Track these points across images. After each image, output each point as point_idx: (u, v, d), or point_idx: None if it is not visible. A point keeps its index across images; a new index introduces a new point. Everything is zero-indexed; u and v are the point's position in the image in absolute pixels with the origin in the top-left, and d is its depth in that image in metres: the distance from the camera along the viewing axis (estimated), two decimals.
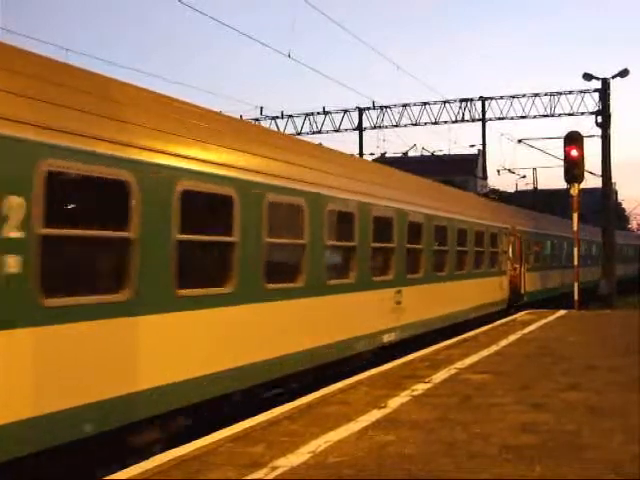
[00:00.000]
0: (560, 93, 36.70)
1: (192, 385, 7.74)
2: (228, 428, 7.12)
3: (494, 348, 13.16)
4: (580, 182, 23.16)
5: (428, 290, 15.50)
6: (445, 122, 39.38)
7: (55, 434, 6.10)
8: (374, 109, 40.38)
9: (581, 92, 35.55)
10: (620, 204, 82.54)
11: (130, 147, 7.09)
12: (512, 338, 14.76)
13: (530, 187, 60.81)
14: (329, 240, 11.08)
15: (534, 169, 59.08)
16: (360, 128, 41.37)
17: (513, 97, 37.85)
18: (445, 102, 39.10)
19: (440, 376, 10.12)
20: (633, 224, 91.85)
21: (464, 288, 17.96)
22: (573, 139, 23.16)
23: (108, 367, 6.68)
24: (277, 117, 40.84)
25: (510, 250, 22.85)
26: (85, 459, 6.74)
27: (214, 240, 8.49)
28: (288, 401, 8.57)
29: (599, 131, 30.17)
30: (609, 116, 30.18)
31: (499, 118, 38.63)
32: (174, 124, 8.00)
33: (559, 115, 36.98)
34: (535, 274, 25.56)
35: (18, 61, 6.42)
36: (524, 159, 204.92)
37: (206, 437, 6.77)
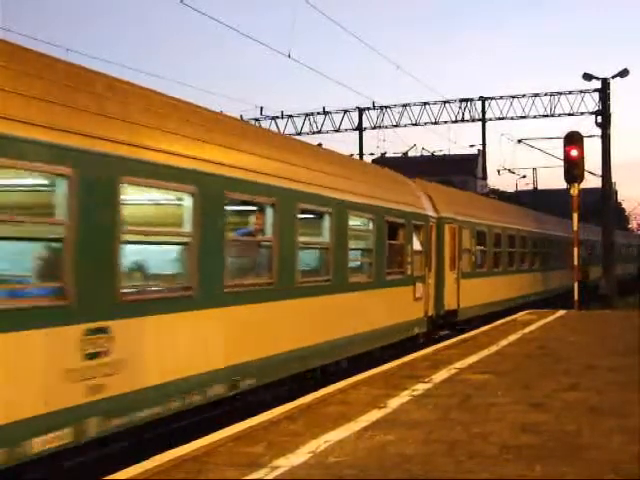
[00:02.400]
0: (560, 93, 36.64)
1: (487, 304, 20.49)
2: (228, 428, 7.11)
3: (494, 348, 13.16)
4: (580, 182, 23.12)
5: (551, 274, 29.27)
6: (445, 122, 39.30)
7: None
8: (374, 109, 40.33)
9: (581, 92, 35.48)
10: (620, 204, 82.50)
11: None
12: (512, 338, 14.76)
13: (530, 187, 60.86)
14: (514, 248, 24.52)
15: (534, 169, 59.18)
16: (360, 128, 41.34)
17: (513, 97, 37.78)
18: (445, 102, 39.04)
19: (440, 376, 10.12)
20: (633, 224, 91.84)
21: (562, 274, 29.49)
22: (573, 139, 23.14)
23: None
24: (277, 117, 40.83)
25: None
26: (85, 459, 6.74)
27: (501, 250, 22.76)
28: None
29: (599, 131, 30.18)
30: (609, 116, 30.18)
31: (499, 118, 38.55)
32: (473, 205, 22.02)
33: (559, 115, 36.90)
34: (588, 268, 36.75)
35: None
36: (524, 159, 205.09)
37: (206, 437, 6.76)
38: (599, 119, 30.31)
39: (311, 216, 10.93)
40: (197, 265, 7.83)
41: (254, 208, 9.56)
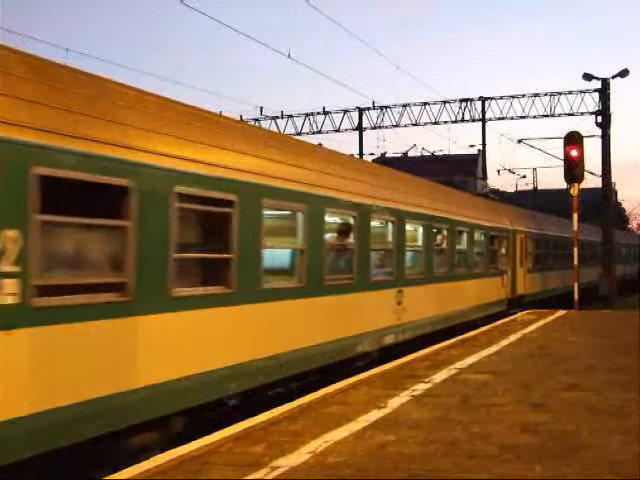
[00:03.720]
0: (560, 93, 36.66)
1: (543, 291, 28.03)
2: (228, 428, 7.11)
3: (494, 348, 13.17)
4: (580, 182, 23.14)
5: (585, 271, 31.57)
6: (445, 122, 39.34)
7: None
8: (374, 109, 40.36)
9: (581, 92, 35.51)
10: (620, 204, 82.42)
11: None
12: (512, 338, 14.78)
13: (530, 187, 60.85)
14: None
15: (534, 169, 59.16)
16: (360, 128, 41.35)
17: (513, 97, 37.81)
18: (445, 102, 39.06)
19: (440, 376, 10.13)
20: (633, 224, 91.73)
21: (592, 271, 33.98)
22: (573, 139, 23.14)
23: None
24: (277, 117, 40.83)
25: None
26: (85, 459, 6.75)
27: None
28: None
29: (599, 131, 30.17)
30: (609, 116, 30.17)
31: (499, 118, 38.58)
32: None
33: (559, 115, 36.93)
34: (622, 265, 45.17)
35: None
36: (524, 159, 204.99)
37: (206, 437, 6.76)
38: (599, 119, 30.29)
39: (458, 233, 17.93)
40: (425, 261, 15.08)
41: (439, 230, 16.48)
